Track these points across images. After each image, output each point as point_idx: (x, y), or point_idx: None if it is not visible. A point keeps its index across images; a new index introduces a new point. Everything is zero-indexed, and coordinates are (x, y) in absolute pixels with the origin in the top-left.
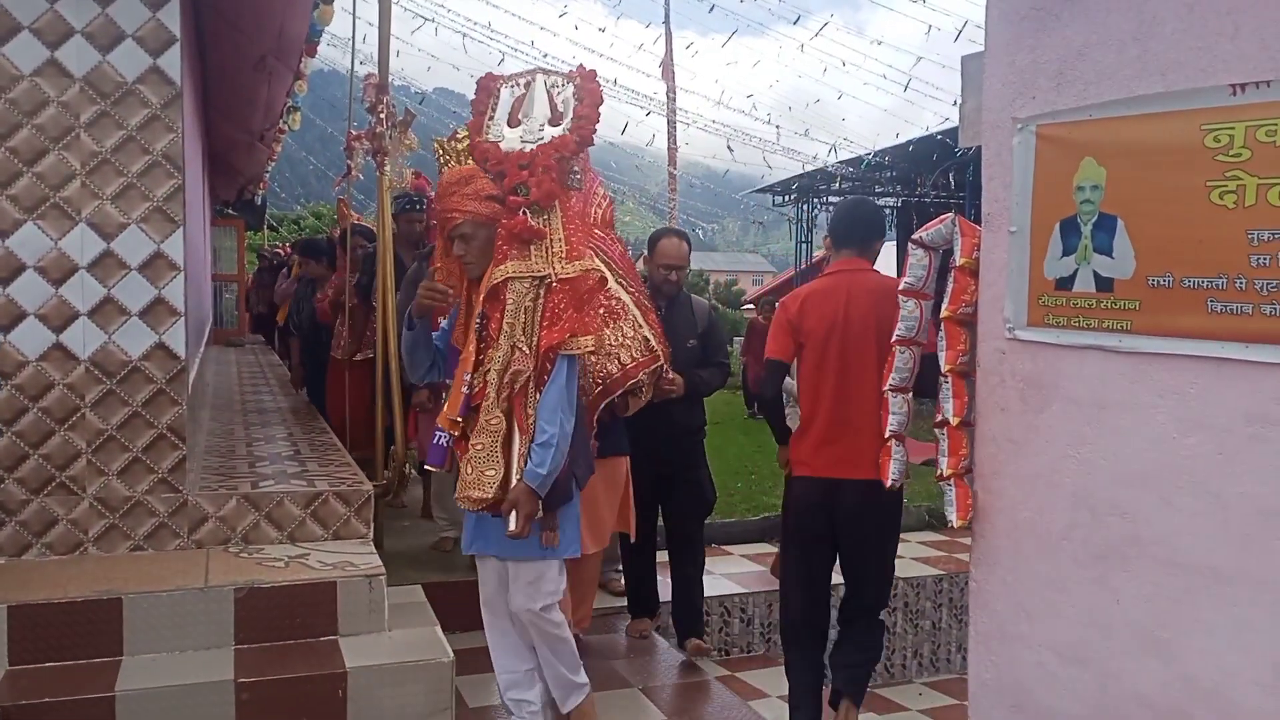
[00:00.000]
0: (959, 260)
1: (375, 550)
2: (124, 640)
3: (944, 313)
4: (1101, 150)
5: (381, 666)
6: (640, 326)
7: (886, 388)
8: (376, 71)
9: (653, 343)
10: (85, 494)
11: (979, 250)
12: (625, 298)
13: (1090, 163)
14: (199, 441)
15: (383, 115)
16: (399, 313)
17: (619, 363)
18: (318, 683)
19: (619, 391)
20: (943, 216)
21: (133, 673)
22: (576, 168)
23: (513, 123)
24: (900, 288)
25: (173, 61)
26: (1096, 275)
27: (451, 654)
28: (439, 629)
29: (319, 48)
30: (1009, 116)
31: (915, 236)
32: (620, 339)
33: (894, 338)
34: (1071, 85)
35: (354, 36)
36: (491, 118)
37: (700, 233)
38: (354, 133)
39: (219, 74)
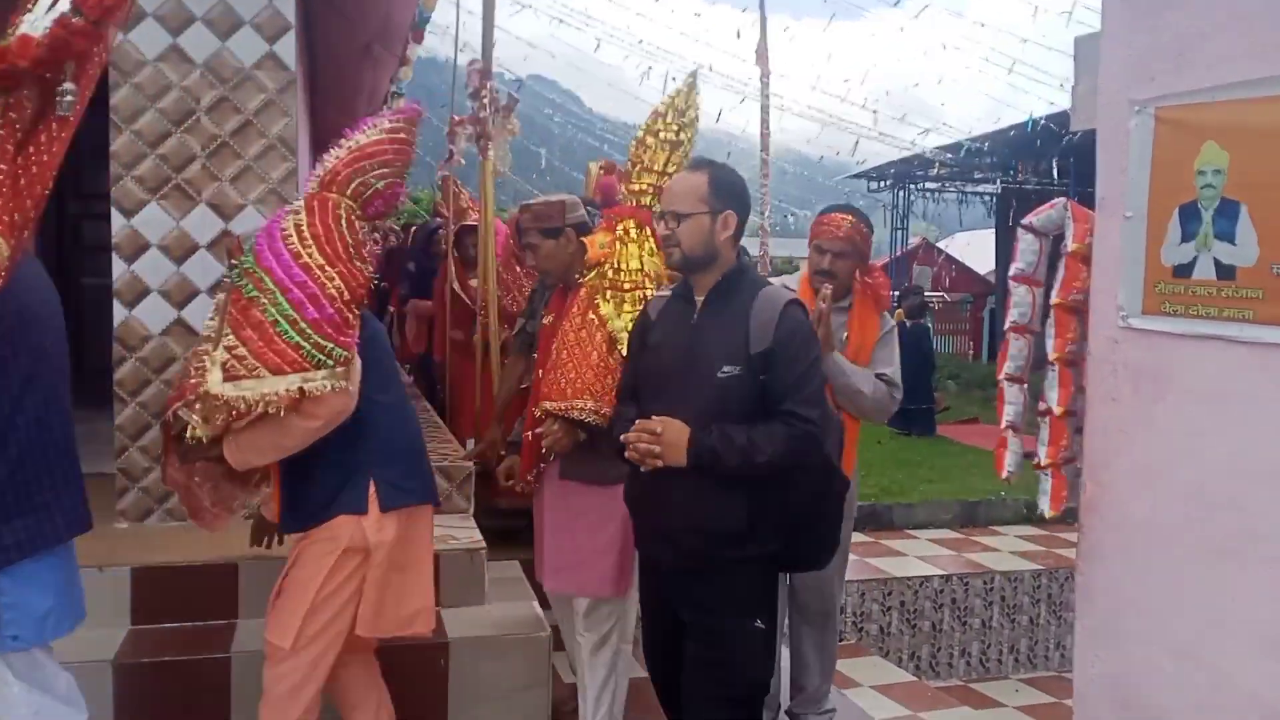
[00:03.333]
0: (1070, 246)
1: (476, 525)
2: (239, 603)
3: (1054, 299)
4: (1224, 134)
5: (482, 638)
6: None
7: (1002, 377)
8: (479, 58)
9: (212, 361)
10: None
11: (1092, 236)
12: (268, 282)
13: (1212, 146)
14: None
15: (486, 101)
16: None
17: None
18: (420, 652)
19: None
20: (1053, 201)
21: (248, 635)
22: (68, 85)
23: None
24: (1011, 273)
25: (288, 48)
26: (1218, 263)
27: (549, 628)
28: (536, 603)
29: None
30: (1126, 99)
31: (1025, 221)
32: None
33: (1007, 324)
34: (1193, 67)
35: (458, 23)
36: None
37: (791, 219)
38: (457, 118)
39: (325, 60)
